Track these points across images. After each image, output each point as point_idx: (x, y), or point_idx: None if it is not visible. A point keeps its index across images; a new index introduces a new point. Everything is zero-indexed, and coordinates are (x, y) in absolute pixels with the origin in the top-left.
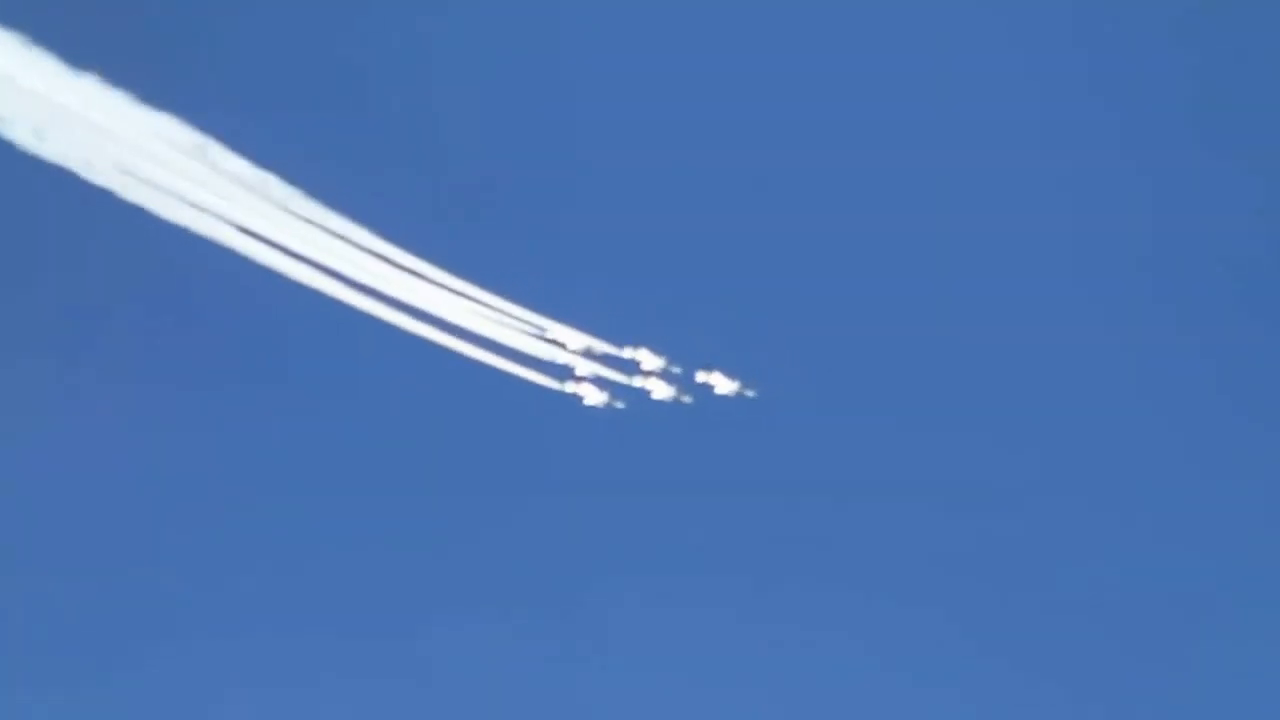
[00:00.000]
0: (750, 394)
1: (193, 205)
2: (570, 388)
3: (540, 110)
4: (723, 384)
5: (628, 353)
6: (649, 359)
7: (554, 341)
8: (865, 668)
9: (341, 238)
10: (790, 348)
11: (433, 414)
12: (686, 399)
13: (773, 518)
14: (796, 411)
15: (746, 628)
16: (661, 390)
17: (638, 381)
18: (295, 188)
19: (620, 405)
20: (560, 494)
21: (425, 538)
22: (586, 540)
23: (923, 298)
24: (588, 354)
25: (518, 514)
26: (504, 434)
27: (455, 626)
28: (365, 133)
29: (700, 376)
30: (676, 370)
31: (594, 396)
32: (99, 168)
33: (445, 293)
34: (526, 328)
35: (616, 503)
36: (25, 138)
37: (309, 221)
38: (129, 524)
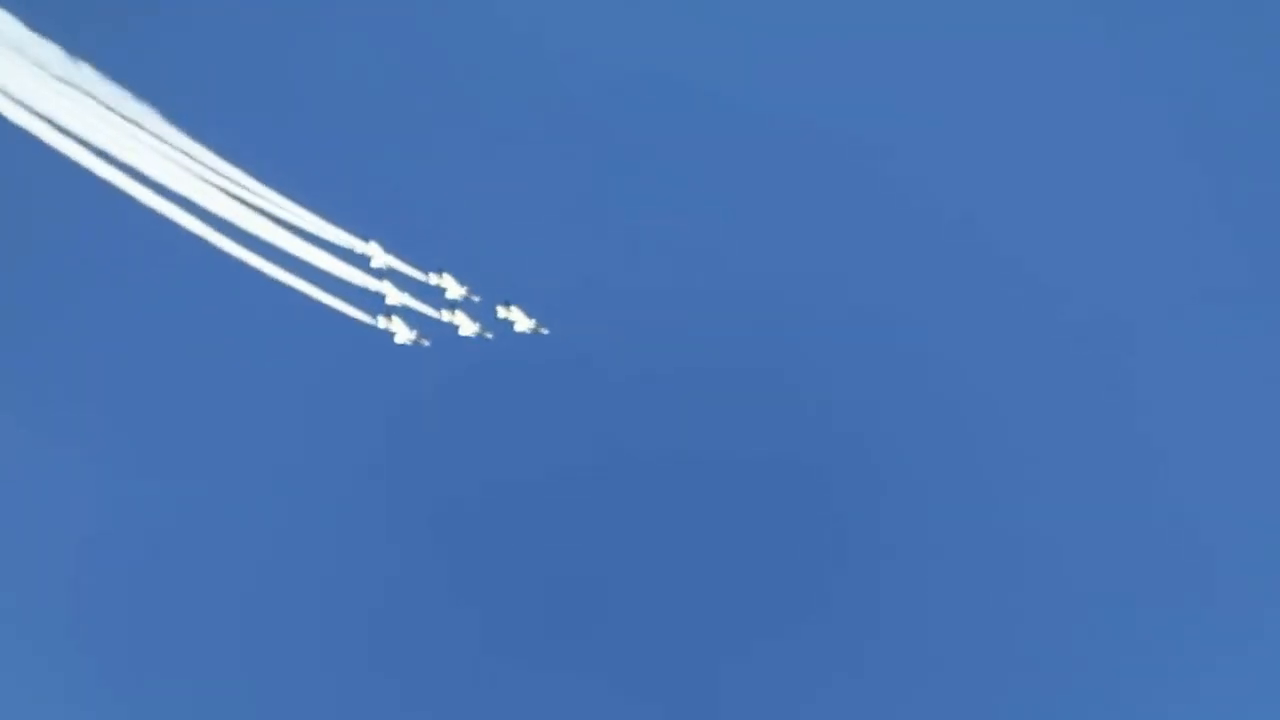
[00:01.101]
0: (545, 331)
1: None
2: (382, 323)
3: (380, 29)
4: (522, 320)
5: (432, 279)
6: (453, 286)
7: (362, 258)
8: None
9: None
10: (586, 286)
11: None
12: (489, 335)
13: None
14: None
15: None
16: (467, 326)
17: (445, 316)
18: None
19: (427, 343)
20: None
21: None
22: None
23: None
24: (392, 274)
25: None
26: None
27: None
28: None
29: (501, 312)
30: (477, 299)
31: (404, 334)
32: None
33: (257, 203)
34: (337, 247)
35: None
36: None
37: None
38: None
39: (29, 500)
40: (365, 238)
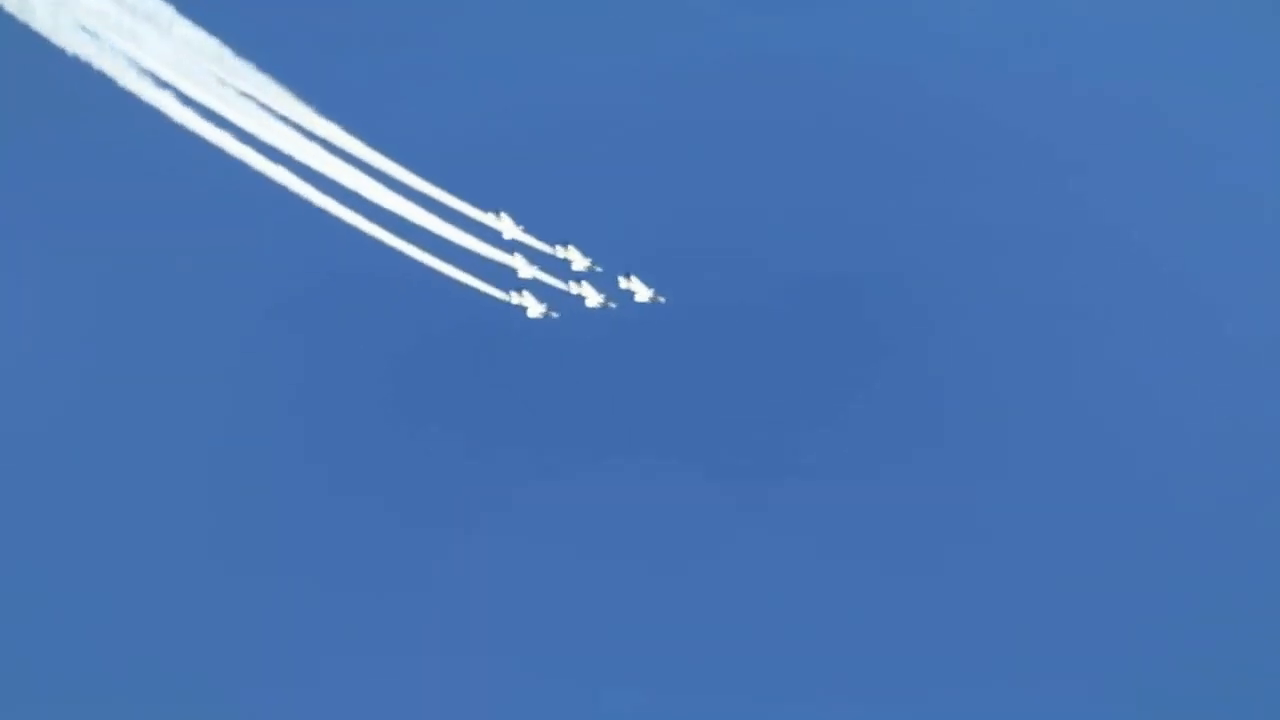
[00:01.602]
0: (662, 300)
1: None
2: (515, 299)
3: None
4: (641, 290)
5: (559, 252)
6: (578, 259)
7: (493, 233)
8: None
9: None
10: (701, 254)
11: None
12: (613, 305)
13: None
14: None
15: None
16: (593, 298)
17: (573, 289)
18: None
19: (557, 315)
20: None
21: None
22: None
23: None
24: (522, 248)
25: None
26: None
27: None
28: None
29: (622, 283)
30: (599, 270)
31: (535, 308)
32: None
33: (384, 180)
34: (467, 221)
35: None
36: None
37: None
38: None
39: None
40: (495, 211)
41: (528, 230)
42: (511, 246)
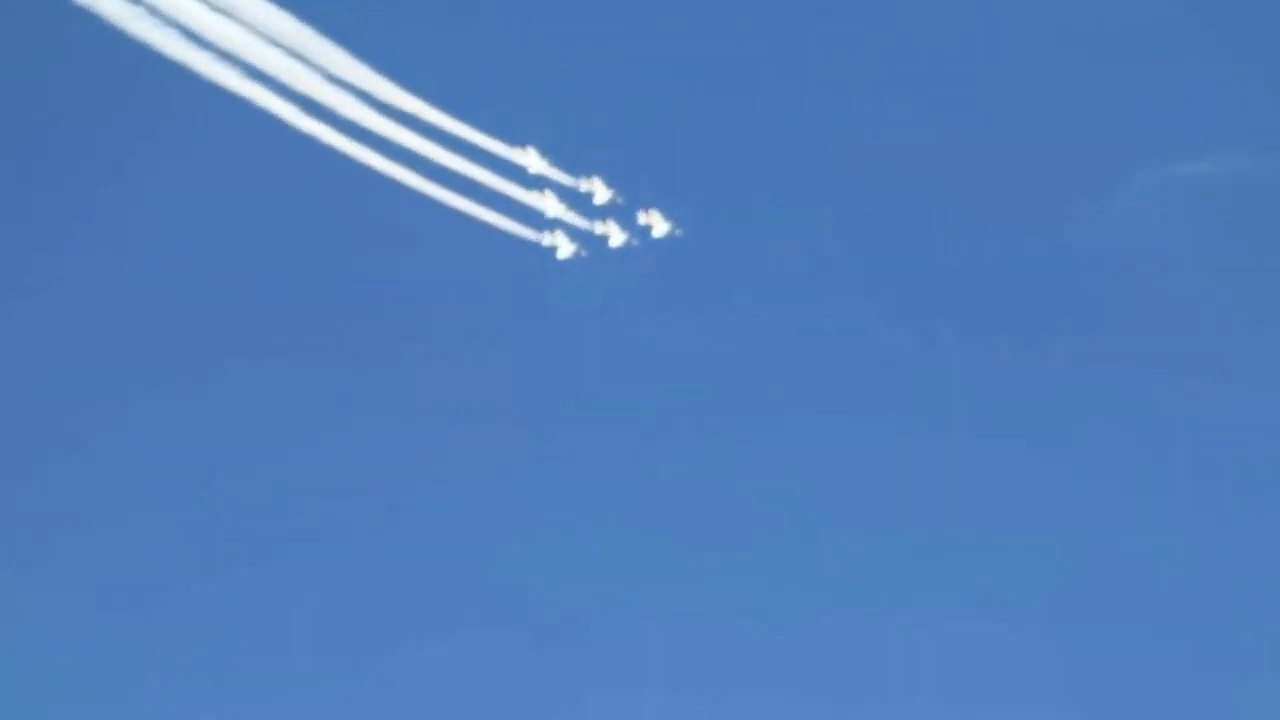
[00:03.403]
0: (679, 233)
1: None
2: (546, 240)
3: None
4: (659, 224)
5: (583, 185)
6: (601, 190)
7: (518, 169)
8: None
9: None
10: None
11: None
12: (635, 243)
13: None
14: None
15: None
16: (616, 236)
17: (599, 228)
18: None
19: (585, 254)
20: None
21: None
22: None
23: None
24: (547, 183)
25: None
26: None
27: None
28: None
29: (642, 218)
30: (621, 202)
31: (565, 248)
32: None
33: (406, 114)
34: (493, 156)
35: None
36: None
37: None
38: None
39: None
40: (521, 144)
41: (554, 163)
42: (539, 182)
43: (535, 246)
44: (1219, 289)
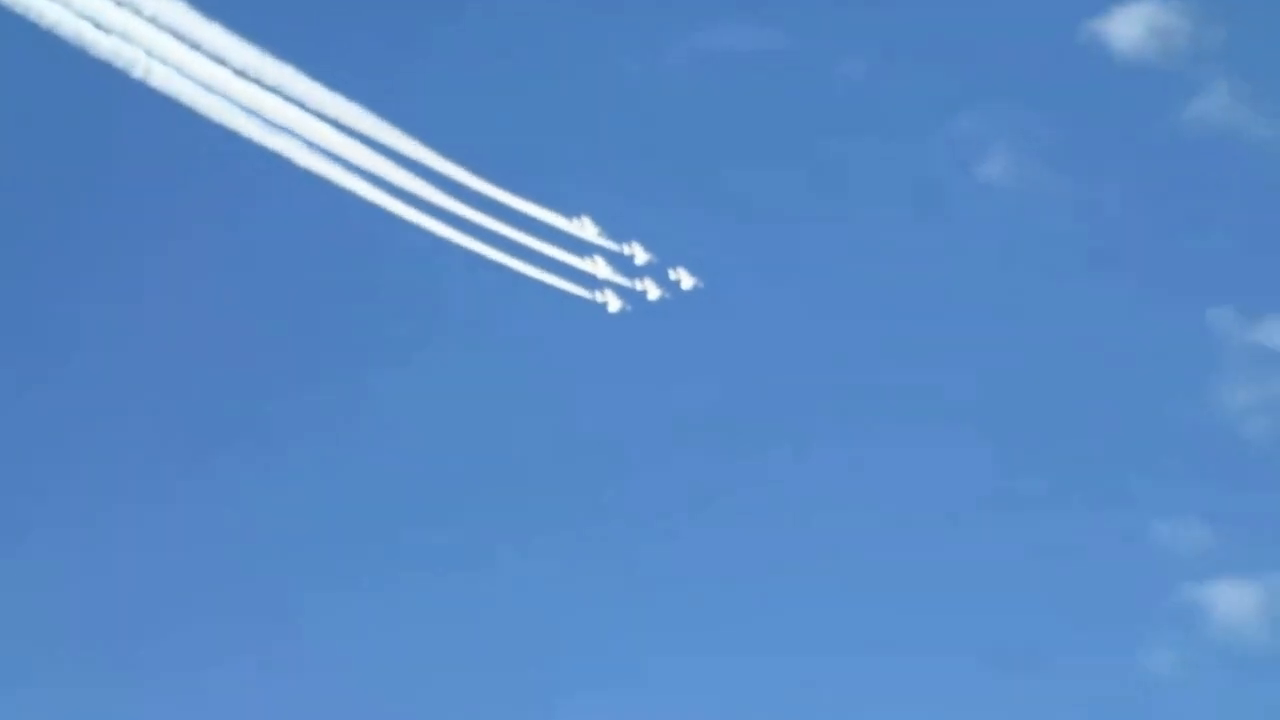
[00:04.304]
0: (701, 285)
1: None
2: (599, 297)
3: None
4: (686, 279)
5: (626, 249)
6: (640, 253)
7: (574, 239)
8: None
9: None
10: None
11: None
12: (668, 297)
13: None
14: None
15: None
16: (653, 291)
17: (638, 285)
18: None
19: (629, 309)
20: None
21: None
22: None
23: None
24: (598, 250)
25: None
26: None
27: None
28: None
29: (671, 274)
30: (655, 261)
31: (614, 304)
32: None
33: (461, 192)
34: (543, 226)
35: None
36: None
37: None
38: None
39: None
40: (575, 216)
41: (603, 233)
42: (590, 249)
43: (590, 303)
44: None
